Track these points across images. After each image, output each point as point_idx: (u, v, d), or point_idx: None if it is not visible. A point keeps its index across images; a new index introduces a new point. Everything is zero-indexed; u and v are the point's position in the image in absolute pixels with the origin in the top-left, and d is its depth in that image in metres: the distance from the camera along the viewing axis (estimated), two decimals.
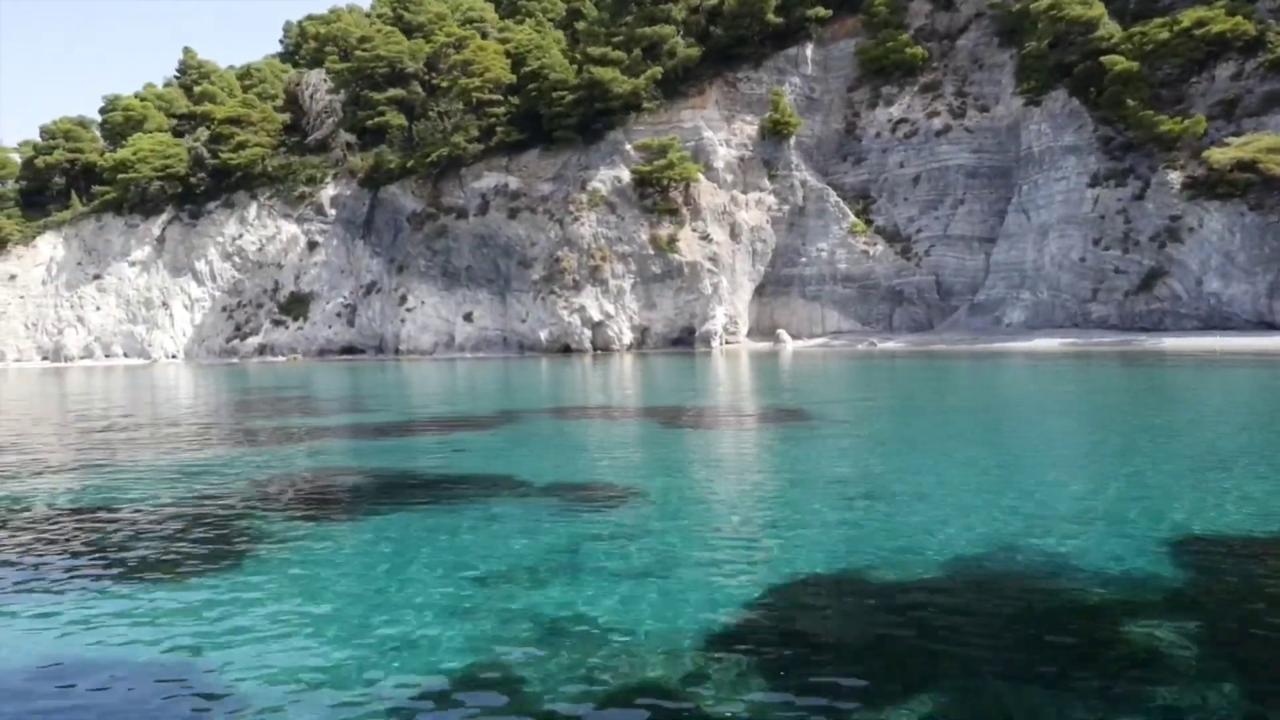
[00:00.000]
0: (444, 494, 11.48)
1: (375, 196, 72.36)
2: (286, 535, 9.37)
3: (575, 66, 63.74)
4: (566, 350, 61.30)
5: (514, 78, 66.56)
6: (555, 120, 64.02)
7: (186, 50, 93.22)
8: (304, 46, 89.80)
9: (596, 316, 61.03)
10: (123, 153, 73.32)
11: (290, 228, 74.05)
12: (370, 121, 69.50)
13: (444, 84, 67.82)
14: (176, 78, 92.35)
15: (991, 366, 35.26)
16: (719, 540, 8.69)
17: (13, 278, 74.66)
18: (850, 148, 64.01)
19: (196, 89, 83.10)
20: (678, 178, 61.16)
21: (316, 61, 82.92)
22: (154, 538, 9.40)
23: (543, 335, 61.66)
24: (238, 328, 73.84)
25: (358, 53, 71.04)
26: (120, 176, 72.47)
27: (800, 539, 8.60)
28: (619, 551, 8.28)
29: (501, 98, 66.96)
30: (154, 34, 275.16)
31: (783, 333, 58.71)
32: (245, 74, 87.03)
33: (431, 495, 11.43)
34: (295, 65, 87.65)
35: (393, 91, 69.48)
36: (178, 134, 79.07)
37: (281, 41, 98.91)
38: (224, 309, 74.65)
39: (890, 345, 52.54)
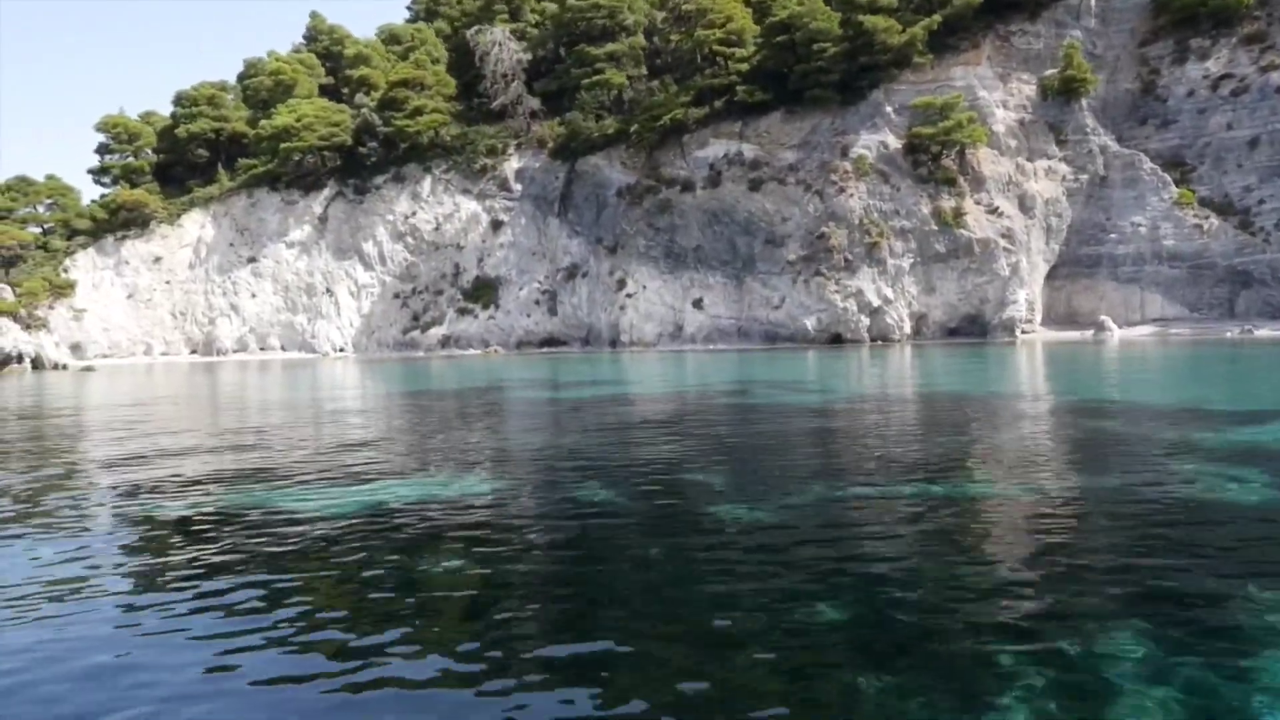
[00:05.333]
0: None
1: (572, 169, 64.04)
2: None
3: (838, 15, 55.33)
4: (837, 340, 53.05)
5: (757, 29, 58.20)
6: (810, 78, 55.75)
7: (314, 15, 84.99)
8: (447, 7, 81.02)
9: (875, 302, 52.77)
10: (281, 119, 64.81)
11: (470, 204, 65.73)
12: (586, 80, 60.95)
13: (673, 37, 59.43)
14: (304, 44, 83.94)
15: None
16: None
17: (157, 260, 66.13)
18: (1151, 109, 55.84)
19: (347, 52, 74.65)
20: (964, 141, 53.00)
21: (475, 19, 74.25)
22: None
23: (809, 323, 53.33)
24: (415, 317, 65.41)
25: (570, 1, 62.45)
26: (283, 146, 63.95)
27: None
28: None
29: (737, 53, 58.59)
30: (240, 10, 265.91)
31: (1107, 320, 50.45)
32: (390, 37, 78.54)
33: None
34: (441, 30, 78.97)
35: (612, 46, 61.04)
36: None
37: (409, 7, 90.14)
38: (396, 295, 66.23)
39: (1267, 333, 44.34)
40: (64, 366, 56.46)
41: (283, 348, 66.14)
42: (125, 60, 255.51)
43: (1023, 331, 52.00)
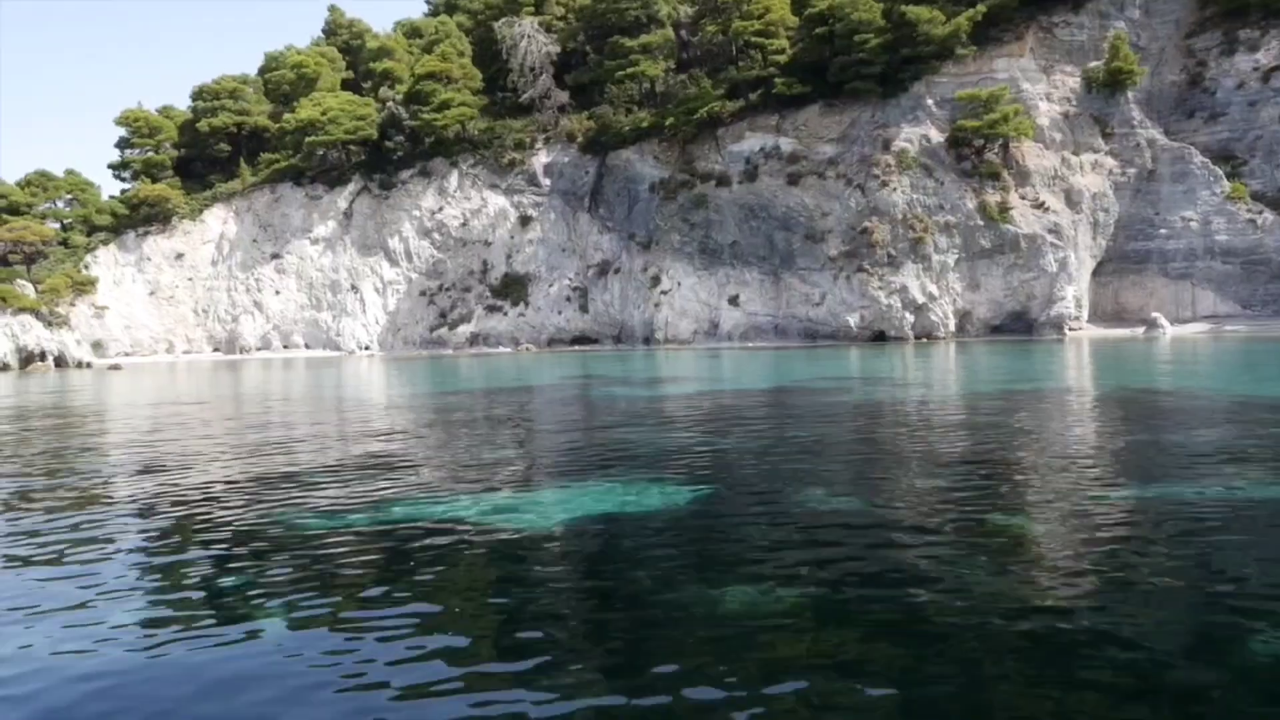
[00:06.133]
0: None
1: (603, 163, 62.91)
2: None
3: (880, 6, 54.15)
4: (880, 338, 51.93)
5: (795, 20, 57.08)
6: (851, 70, 54.56)
7: (333, 9, 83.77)
8: (468, 1, 79.49)
9: (919, 298, 51.65)
10: (306, 112, 63.56)
11: (498, 199, 64.54)
12: (621, 72, 59.81)
13: (710, 28, 58.26)
14: (323, 38, 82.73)
15: None
16: None
17: (179, 257, 64.93)
18: (1199, 101, 54.78)
19: (369, 45, 73.43)
20: (1009, 134, 51.88)
21: (499, 12, 72.83)
22: None
23: (851, 320, 52.23)
24: (442, 314, 64.22)
25: None
26: (308, 140, 62.70)
27: None
28: None
29: (773, 45, 57.45)
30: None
31: (1159, 316, 49.35)
32: (411, 31, 77.29)
33: None
34: (461, 24, 77.55)
35: (647, 37, 59.85)
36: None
37: (429, 0, 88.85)
38: (423, 293, 65.04)
39: None
40: (88, 365, 55.25)
41: (307, 345, 64.96)
42: (137, 55, 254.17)
43: (1070, 329, 50.93)
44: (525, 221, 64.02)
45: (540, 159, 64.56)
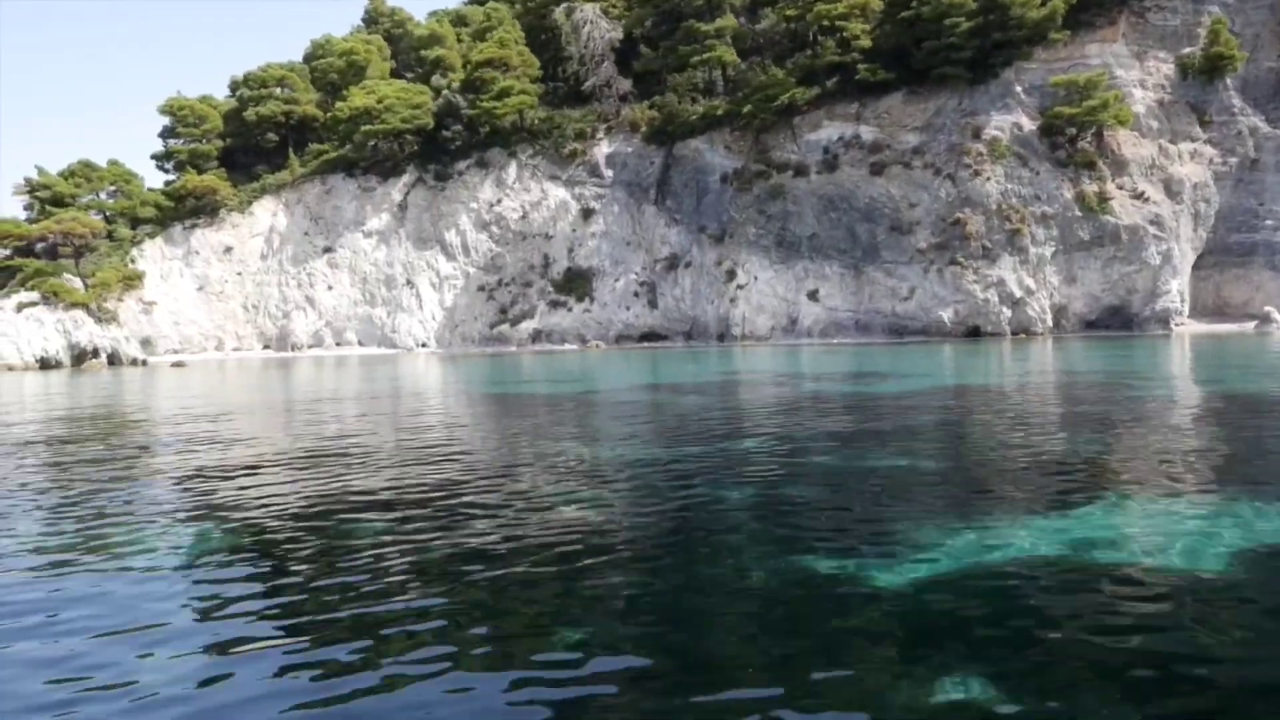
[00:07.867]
0: None
1: (669, 153, 60.66)
2: None
3: None
4: (974, 333, 49.89)
5: (879, 3, 54.99)
6: (939, 55, 52.47)
7: None
8: None
9: (1016, 292, 49.59)
10: (360, 100, 61.12)
11: (558, 191, 62.27)
12: (696, 58, 57.61)
13: (790, 12, 56.07)
14: (363, 27, 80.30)
15: None
16: None
17: (228, 250, 62.50)
18: None
19: (417, 33, 71.09)
20: (1105, 121, 49.88)
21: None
22: None
23: (945, 315, 50.15)
24: (502, 310, 61.90)
25: None
26: (364, 129, 60.33)
27: None
28: None
29: (850, 28, 55.32)
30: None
31: (1272, 311, 47.42)
32: (457, 19, 74.92)
33: None
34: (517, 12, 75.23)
35: (722, 21, 57.64)
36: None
37: None
38: (481, 288, 62.70)
39: None
40: (144, 362, 52.85)
41: (360, 343, 62.60)
42: (149, 53, 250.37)
43: (1175, 324, 48.95)
44: (587, 214, 61.77)
45: (602, 149, 62.33)
